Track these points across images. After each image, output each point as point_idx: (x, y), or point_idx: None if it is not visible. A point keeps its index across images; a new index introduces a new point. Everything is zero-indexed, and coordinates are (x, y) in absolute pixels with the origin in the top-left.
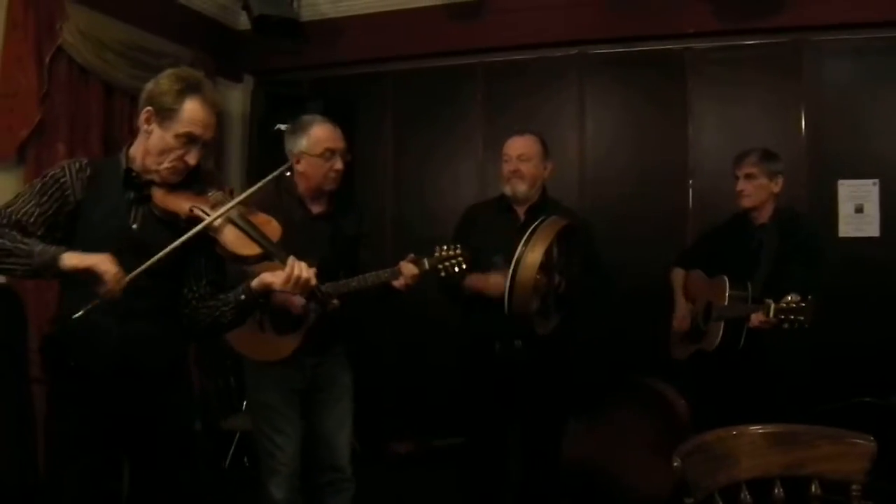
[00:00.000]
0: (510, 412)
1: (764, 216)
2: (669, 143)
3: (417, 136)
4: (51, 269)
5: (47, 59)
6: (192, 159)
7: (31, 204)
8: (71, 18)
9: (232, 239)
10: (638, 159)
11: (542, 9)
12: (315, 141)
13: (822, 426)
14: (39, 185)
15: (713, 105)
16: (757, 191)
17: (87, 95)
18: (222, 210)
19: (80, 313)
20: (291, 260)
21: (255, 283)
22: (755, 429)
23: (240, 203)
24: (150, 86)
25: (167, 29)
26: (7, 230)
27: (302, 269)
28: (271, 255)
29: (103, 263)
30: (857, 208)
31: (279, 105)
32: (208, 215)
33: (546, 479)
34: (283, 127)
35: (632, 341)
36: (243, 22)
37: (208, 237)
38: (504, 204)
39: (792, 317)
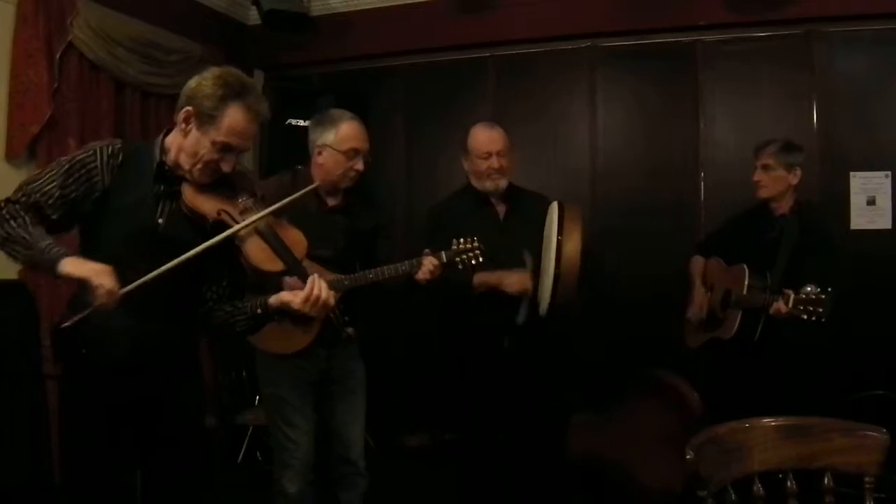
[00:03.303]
0: (515, 406)
1: (784, 207)
2: (681, 135)
3: (429, 129)
4: (49, 269)
5: (58, 55)
6: (226, 167)
7: (53, 185)
8: (81, 14)
9: (256, 252)
10: (649, 152)
11: (553, 1)
12: (343, 138)
13: (835, 419)
14: (67, 167)
15: (724, 97)
16: (774, 182)
17: (97, 91)
18: (250, 220)
19: (69, 323)
20: (312, 279)
21: (273, 300)
22: (767, 421)
23: (270, 214)
24: (192, 84)
25: (177, 24)
26: (21, 212)
27: (322, 290)
28: (293, 272)
29: (98, 277)
30: (868, 200)
31: (290, 100)
32: (236, 222)
33: (552, 468)
34: (293, 122)
35: (643, 334)
36: (253, 17)
37: (233, 244)
38: (481, 198)
39: (811, 308)
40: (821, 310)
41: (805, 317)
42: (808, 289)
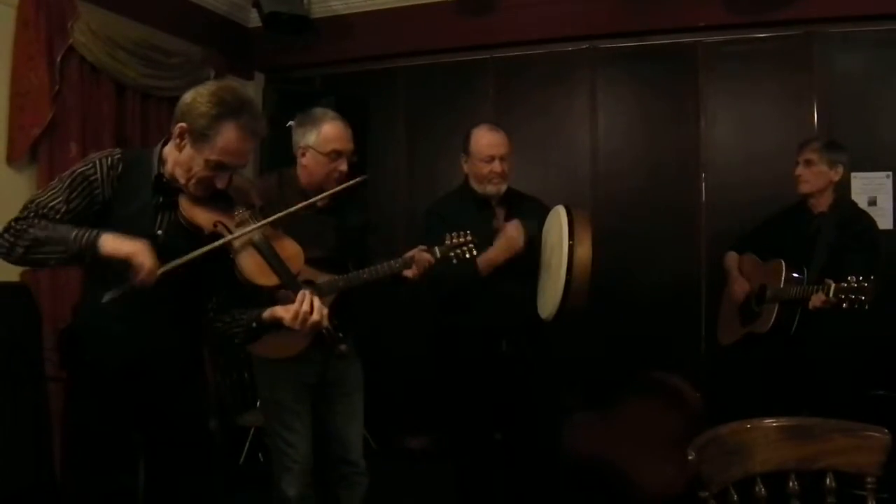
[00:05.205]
0: (513, 406)
1: (823, 204)
2: (681, 136)
3: (429, 131)
4: (89, 253)
5: (58, 59)
6: (220, 184)
7: (59, 200)
8: (82, 17)
9: (250, 265)
10: (650, 153)
11: (553, 3)
12: (324, 139)
13: (836, 419)
14: (69, 181)
15: (725, 98)
16: (815, 177)
17: (98, 94)
18: (242, 231)
19: (109, 297)
20: (301, 295)
21: (266, 314)
22: (769, 422)
23: (266, 225)
24: (187, 98)
25: (178, 27)
26: (36, 221)
27: (313, 307)
28: (288, 287)
29: (140, 254)
30: (870, 201)
31: (291, 102)
32: (231, 234)
33: (547, 471)
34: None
35: (644, 335)
36: (254, 19)
37: (228, 256)
38: (480, 201)
39: (852, 296)
40: (863, 297)
41: (846, 305)
42: (850, 278)
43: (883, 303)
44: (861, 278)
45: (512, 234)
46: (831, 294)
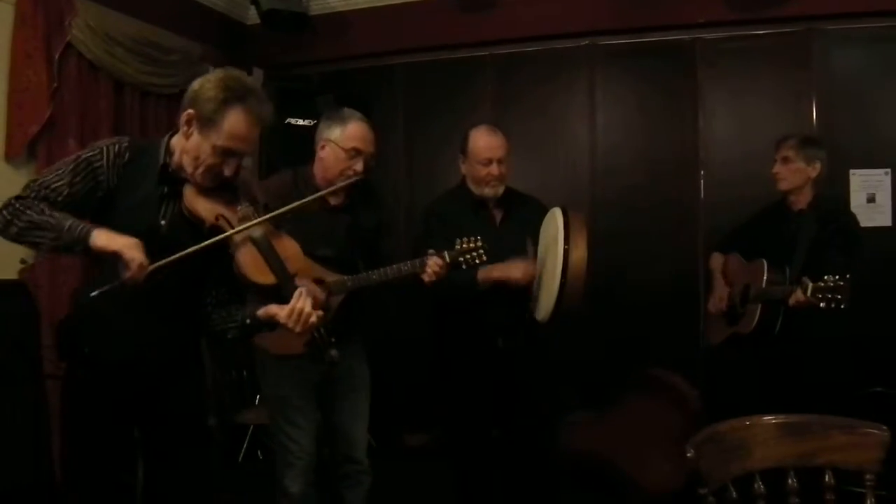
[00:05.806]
0: (510, 404)
1: (802, 202)
2: (680, 133)
3: (428, 128)
4: (80, 245)
5: (57, 55)
6: (228, 171)
7: (62, 182)
8: (80, 14)
9: (248, 262)
10: (649, 150)
11: (552, 0)
12: (348, 136)
13: (835, 416)
14: (73, 165)
15: (724, 95)
16: (792, 174)
17: (96, 91)
18: (243, 227)
19: (97, 292)
20: (298, 292)
21: (261, 312)
22: (768, 419)
23: (267, 221)
24: (195, 86)
25: (177, 24)
26: (35, 202)
27: (306, 305)
28: (284, 286)
29: (130, 250)
30: (868, 198)
31: (289, 99)
32: (232, 228)
33: (543, 469)
34: (293, 121)
35: (642, 332)
36: (252, 16)
37: (228, 251)
38: (477, 202)
39: (829, 296)
40: (839, 296)
41: (823, 304)
42: (826, 277)
43: (880, 300)
44: (837, 277)
45: (527, 270)
46: (808, 293)
